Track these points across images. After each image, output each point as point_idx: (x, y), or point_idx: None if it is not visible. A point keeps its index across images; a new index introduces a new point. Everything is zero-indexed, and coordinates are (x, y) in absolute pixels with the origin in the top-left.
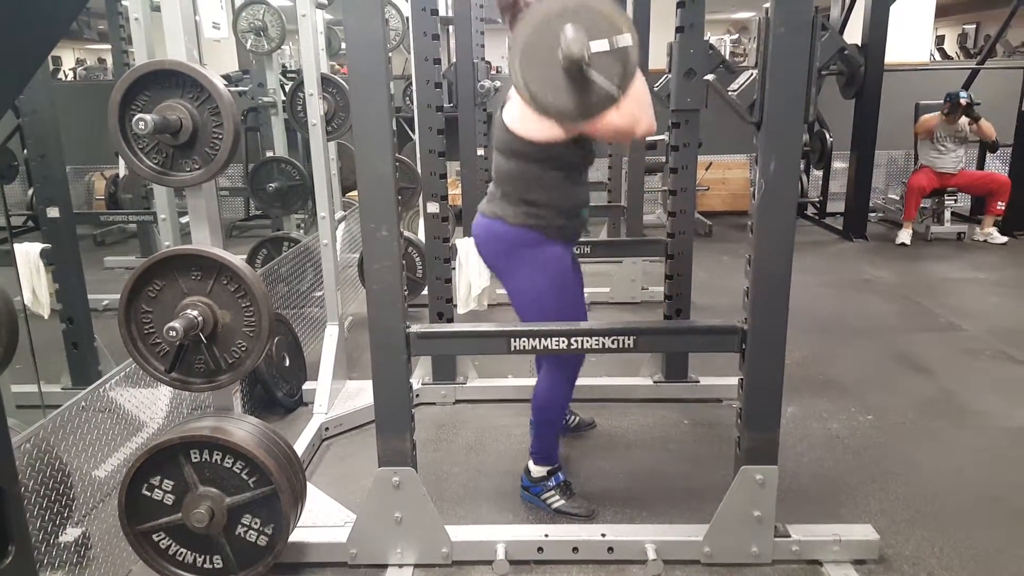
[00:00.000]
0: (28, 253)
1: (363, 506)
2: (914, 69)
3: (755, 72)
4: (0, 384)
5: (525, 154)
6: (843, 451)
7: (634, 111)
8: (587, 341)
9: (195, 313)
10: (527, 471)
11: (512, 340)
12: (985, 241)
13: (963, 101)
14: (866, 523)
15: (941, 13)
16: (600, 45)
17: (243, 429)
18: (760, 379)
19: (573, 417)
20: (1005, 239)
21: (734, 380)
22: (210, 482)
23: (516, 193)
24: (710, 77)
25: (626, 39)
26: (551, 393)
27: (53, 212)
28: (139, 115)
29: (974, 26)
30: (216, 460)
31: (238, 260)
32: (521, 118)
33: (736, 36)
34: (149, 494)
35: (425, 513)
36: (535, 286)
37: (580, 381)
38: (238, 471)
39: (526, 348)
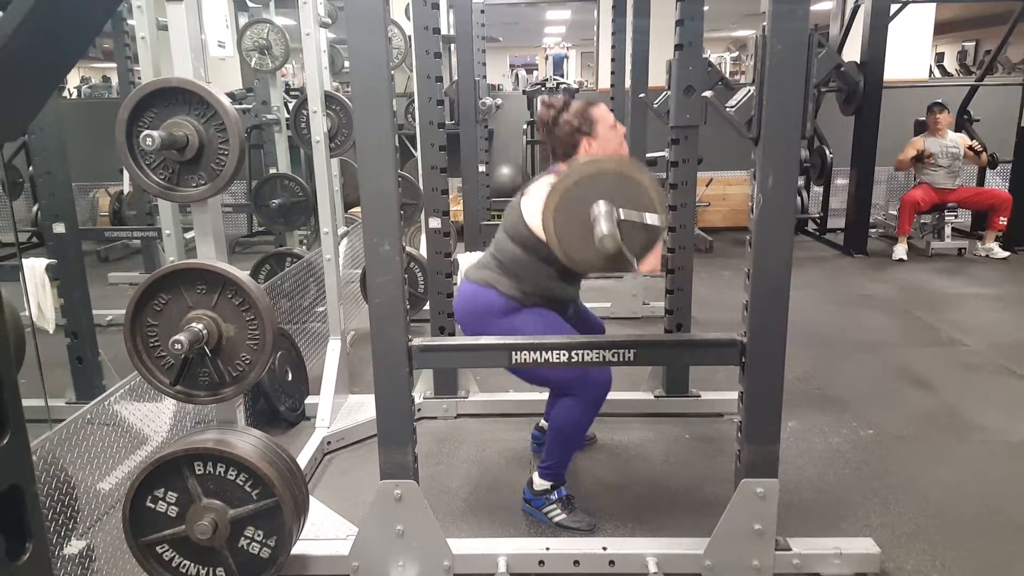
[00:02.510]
0: (34, 268)
1: (365, 519)
2: (914, 86)
3: (753, 89)
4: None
5: (531, 246)
6: (844, 465)
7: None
8: (588, 354)
9: (200, 326)
10: (530, 483)
11: (513, 353)
12: (987, 256)
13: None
14: (867, 537)
15: (940, 30)
16: (630, 215)
17: (246, 442)
18: (760, 391)
19: None
20: (1007, 254)
21: (735, 395)
22: (213, 494)
23: (510, 272)
24: (708, 94)
25: (655, 219)
26: (575, 416)
27: (59, 228)
28: (146, 132)
29: (973, 43)
30: (220, 472)
31: (243, 274)
32: (537, 219)
33: (736, 54)
34: (153, 506)
35: (427, 526)
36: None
37: None
38: (241, 483)
39: (527, 361)
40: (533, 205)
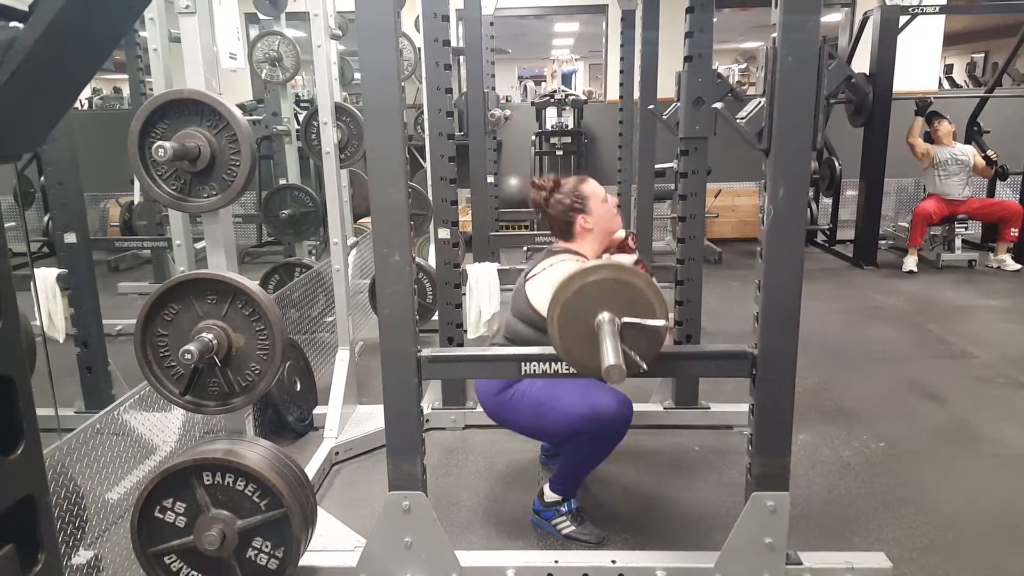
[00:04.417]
0: (45, 278)
1: (373, 530)
2: (923, 97)
3: (763, 100)
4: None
5: (541, 326)
6: (855, 478)
7: None
8: None
9: (210, 336)
10: (540, 495)
11: (523, 364)
12: (998, 268)
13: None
14: (879, 551)
15: (949, 42)
16: (632, 322)
17: (255, 452)
18: (771, 404)
19: None
20: (1019, 267)
21: (745, 407)
22: (222, 505)
23: None
24: (718, 105)
25: (658, 323)
26: (588, 452)
27: (70, 238)
28: (159, 143)
29: (982, 55)
30: (228, 483)
31: (253, 284)
32: (543, 302)
33: (744, 65)
34: (161, 516)
35: (435, 538)
36: (540, 408)
37: None
38: (250, 494)
39: (537, 372)
40: (538, 291)
